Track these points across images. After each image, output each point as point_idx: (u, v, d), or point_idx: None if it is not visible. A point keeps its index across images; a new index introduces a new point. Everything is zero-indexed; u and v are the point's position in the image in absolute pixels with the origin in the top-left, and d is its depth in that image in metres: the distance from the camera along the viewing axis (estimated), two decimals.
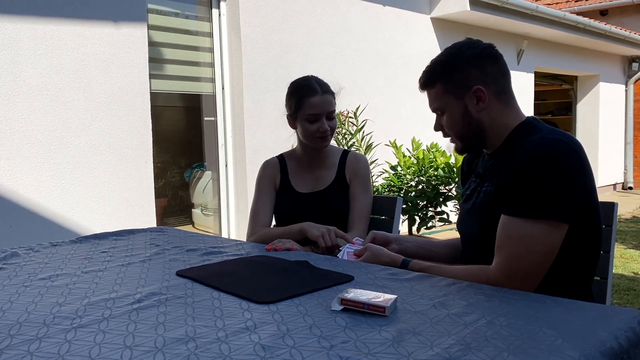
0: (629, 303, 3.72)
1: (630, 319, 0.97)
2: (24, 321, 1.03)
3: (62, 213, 3.53)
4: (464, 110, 1.41)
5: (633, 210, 8.02)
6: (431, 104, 1.47)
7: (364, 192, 1.96)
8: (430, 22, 6.41)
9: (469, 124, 1.42)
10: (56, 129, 3.49)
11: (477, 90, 1.39)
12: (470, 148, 1.50)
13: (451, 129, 1.45)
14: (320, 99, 1.90)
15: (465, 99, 1.41)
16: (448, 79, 1.42)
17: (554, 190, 1.23)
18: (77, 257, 1.60)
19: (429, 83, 1.46)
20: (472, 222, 1.45)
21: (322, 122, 1.90)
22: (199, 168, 6.02)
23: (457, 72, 1.41)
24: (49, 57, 3.45)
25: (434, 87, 1.44)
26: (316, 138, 1.92)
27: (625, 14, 10.66)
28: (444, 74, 1.43)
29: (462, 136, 1.45)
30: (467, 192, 1.53)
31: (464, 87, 1.40)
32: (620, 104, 10.57)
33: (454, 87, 1.41)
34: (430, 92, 1.46)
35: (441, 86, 1.42)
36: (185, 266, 1.44)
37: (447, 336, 0.89)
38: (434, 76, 1.44)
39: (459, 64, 1.42)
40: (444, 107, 1.44)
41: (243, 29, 4.57)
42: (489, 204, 1.37)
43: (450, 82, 1.42)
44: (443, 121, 1.46)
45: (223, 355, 0.84)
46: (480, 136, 1.43)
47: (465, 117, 1.41)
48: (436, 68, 1.44)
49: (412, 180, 4.42)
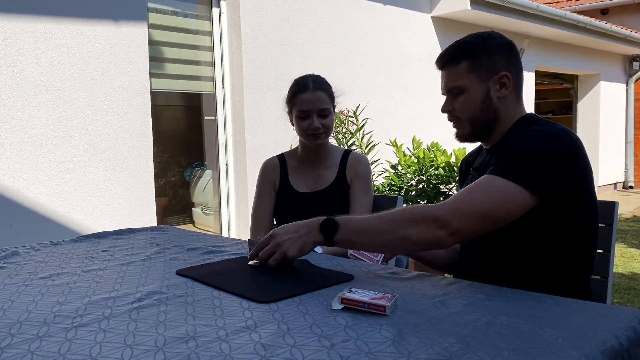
0: (630, 302, 3.72)
1: (630, 318, 0.97)
2: (24, 320, 1.03)
3: (63, 212, 3.53)
4: (485, 94, 1.41)
5: (634, 210, 8.02)
6: (448, 83, 1.44)
7: (364, 193, 1.96)
8: (430, 21, 6.40)
9: (486, 109, 1.41)
10: (57, 128, 3.49)
11: (503, 77, 1.40)
12: (476, 135, 1.47)
13: (466, 110, 1.43)
14: (311, 95, 1.90)
15: (489, 82, 1.41)
16: (476, 59, 1.41)
17: (535, 161, 1.25)
18: (78, 256, 1.60)
19: (452, 60, 1.43)
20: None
21: (312, 119, 1.90)
22: (200, 167, 6.02)
23: (487, 55, 1.41)
24: (50, 56, 3.45)
25: (458, 65, 1.42)
26: (308, 135, 1.93)
27: (626, 12, 10.66)
28: (472, 54, 1.41)
29: (474, 120, 1.43)
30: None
31: (491, 70, 1.41)
32: (620, 103, 10.56)
33: (480, 68, 1.41)
34: (451, 69, 1.44)
35: (467, 65, 1.41)
36: (186, 265, 1.44)
37: (448, 335, 0.89)
38: (461, 54, 1.42)
39: (490, 47, 1.42)
40: (464, 87, 1.42)
41: (243, 28, 4.57)
42: None
43: (478, 63, 1.41)
44: (456, 102, 1.43)
45: (223, 354, 0.84)
46: (491, 125, 1.43)
47: (485, 101, 1.41)
48: (464, 47, 1.43)
49: (413, 180, 4.42)
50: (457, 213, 1.21)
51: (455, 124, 1.48)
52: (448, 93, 1.46)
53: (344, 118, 4.46)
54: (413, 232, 1.22)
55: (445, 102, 1.47)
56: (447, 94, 1.47)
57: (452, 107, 1.46)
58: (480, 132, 1.46)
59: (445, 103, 1.47)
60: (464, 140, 1.50)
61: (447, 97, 1.47)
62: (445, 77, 1.46)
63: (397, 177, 4.41)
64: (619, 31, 8.71)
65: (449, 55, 1.44)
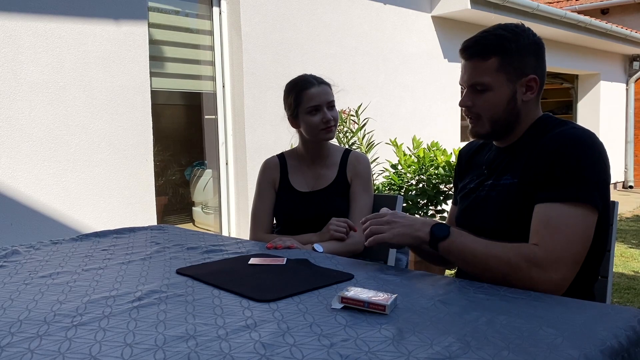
0: (629, 302, 3.72)
1: (630, 318, 0.97)
2: (24, 319, 1.03)
3: (63, 211, 3.53)
4: (511, 95, 1.35)
5: (633, 209, 8.02)
6: (473, 76, 1.35)
7: (364, 192, 1.96)
8: (430, 20, 6.40)
9: (510, 110, 1.35)
10: (57, 127, 3.49)
11: (531, 80, 1.35)
12: (494, 135, 1.41)
13: (489, 109, 1.36)
14: (318, 89, 1.92)
15: (516, 84, 1.34)
16: (508, 57, 1.33)
17: (590, 177, 1.22)
18: (78, 255, 1.60)
19: (482, 54, 1.34)
20: (483, 216, 1.40)
21: (323, 112, 1.91)
22: (200, 166, 6.02)
23: (519, 55, 1.33)
24: (50, 55, 3.45)
25: (487, 60, 1.33)
26: (321, 130, 1.92)
27: (626, 12, 10.66)
28: (505, 51, 1.32)
29: (496, 120, 1.36)
30: (470, 185, 1.49)
31: (520, 71, 1.34)
32: (621, 102, 10.56)
33: (510, 68, 1.33)
34: (479, 63, 1.34)
35: (497, 62, 1.32)
36: (186, 264, 1.44)
37: (447, 334, 0.89)
38: (492, 49, 1.33)
39: (522, 46, 1.34)
40: (490, 84, 1.33)
41: (243, 27, 4.57)
42: (510, 198, 1.33)
43: (508, 62, 1.33)
44: (479, 98, 1.36)
45: (223, 353, 0.84)
46: (511, 126, 1.38)
47: (510, 103, 1.35)
48: (496, 41, 1.33)
49: (413, 179, 4.42)
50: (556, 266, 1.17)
51: (472, 120, 1.40)
52: (470, 87, 1.37)
53: (345, 117, 4.46)
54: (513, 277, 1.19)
55: (465, 96, 1.38)
56: (468, 87, 1.38)
57: (471, 102, 1.37)
58: (499, 133, 1.40)
59: (465, 96, 1.38)
60: (479, 138, 1.45)
61: (467, 90, 1.38)
62: (469, 70, 1.36)
63: (397, 177, 4.41)
64: (619, 31, 8.71)
65: (478, 48, 1.34)
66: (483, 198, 1.42)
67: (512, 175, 1.36)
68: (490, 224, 1.37)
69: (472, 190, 1.48)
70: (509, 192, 1.34)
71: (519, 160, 1.36)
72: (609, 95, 10.14)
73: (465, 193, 1.51)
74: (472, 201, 1.47)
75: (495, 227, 1.34)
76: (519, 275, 1.18)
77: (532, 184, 1.28)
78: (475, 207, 1.44)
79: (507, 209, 1.33)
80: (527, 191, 1.29)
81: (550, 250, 1.18)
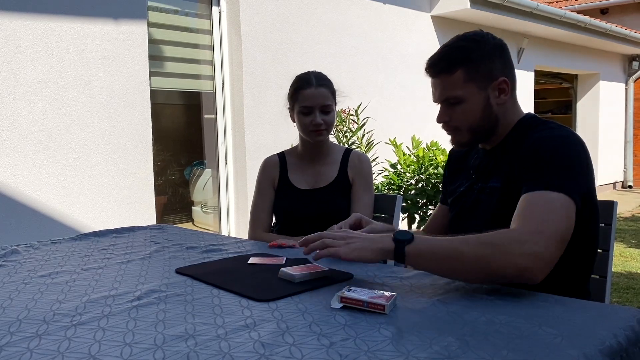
0: (628, 301, 3.72)
1: (629, 318, 0.97)
2: (23, 318, 1.03)
3: (62, 210, 3.53)
4: (485, 102, 1.35)
5: (632, 209, 8.02)
6: (444, 92, 1.36)
7: (366, 193, 1.96)
8: (430, 20, 6.40)
9: (487, 117, 1.36)
10: (56, 126, 3.49)
11: (502, 82, 1.35)
12: (475, 142, 1.42)
13: (465, 120, 1.36)
14: (314, 91, 1.90)
15: (488, 90, 1.35)
16: (473, 66, 1.33)
17: (569, 172, 1.22)
18: (77, 254, 1.60)
19: (446, 69, 1.34)
20: (474, 220, 1.41)
21: (314, 115, 1.90)
22: (199, 166, 6.02)
23: (484, 61, 1.34)
24: (49, 54, 3.45)
25: (453, 74, 1.34)
26: (310, 132, 1.93)
27: (626, 12, 10.66)
28: (468, 61, 1.33)
29: (474, 129, 1.37)
30: (460, 189, 1.49)
31: (489, 77, 1.34)
32: (620, 102, 10.57)
33: (478, 76, 1.33)
34: (446, 79, 1.35)
35: (463, 73, 1.33)
36: (185, 264, 1.44)
37: (447, 334, 0.89)
38: (455, 62, 1.33)
39: (485, 52, 1.34)
40: (462, 97, 1.34)
41: (243, 27, 4.57)
42: (497, 202, 1.34)
43: (475, 70, 1.33)
44: (454, 111, 1.36)
45: (223, 353, 0.84)
46: (491, 130, 1.38)
47: (485, 109, 1.35)
48: (457, 54, 1.34)
49: (412, 179, 4.42)
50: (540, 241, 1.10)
51: (452, 133, 1.41)
52: (443, 102, 1.38)
53: (345, 117, 4.46)
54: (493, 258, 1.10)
55: (441, 113, 1.38)
56: (442, 103, 1.38)
57: (448, 117, 1.38)
58: (481, 139, 1.41)
59: (441, 113, 1.38)
60: (462, 147, 1.45)
61: (442, 106, 1.38)
62: (439, 87, 1.37)
63: (397, 176, 4.41)
64: (619, 31, 8.71)
65: (442, 63, 1.35)
66: (473, 202, 1.43)
67: (497, 179, 1.37)
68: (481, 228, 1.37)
69: (462, 194, 1.48)
70: (496, 195, 1.35)
71: (503, 163, 1.37)
72: (608, 95, 10.14)
73: (456, 197, 1.51)
74: (462, 206, 1.47)
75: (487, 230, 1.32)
76: (498, 255, 1.09)
77: (516, 185, 1.28)
78: (467, 211, 1.45)
79: (495, 213, 1.34)
80: (512, 194, 1.29)
81: (528, 224, 1.14)
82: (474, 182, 1.45)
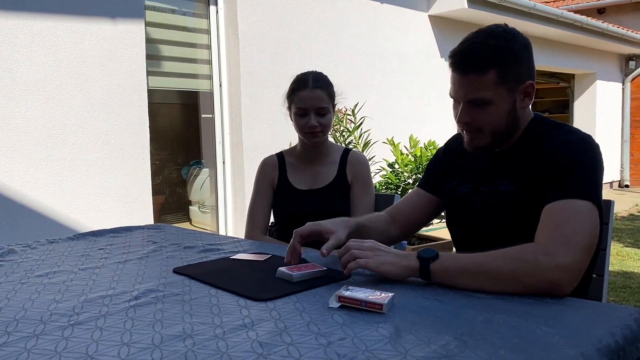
0: (625, 300, 3.73)
1: (626, 317, 0.97)
2: (21, 318, 1.02)
3: (59, 210, 3.52)
4: (512, 105, 1.30)
5: (629, 208, 8.04)
6: (472, 92, 1.27)
7: (365, 194, 1.96)
8: (427, 19, 6.41)
9: (511, 121, 1.31)
10: (53, 125, 3.48)
11: (529, 86, 1.31)
12: (494, 146, 1.36)
13: (489, 123, 1.29)
14: (309, 94, 1.89)
15: (515, 93, 1.30)
16: (504, 69, 1.26)
17: (593, 177, 1.23)
18: (74, 254, 1.60)
19: (478, 69, 1.26)
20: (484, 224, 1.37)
21: (309, 117, 1.89)
22: (196, 165, 6.01)
23: (515, 63, 1.27)
24: (46, 53, 3.44)
25: (485, 75, 1.25)
26: (306, 134, 1.93)
27: (623, 12, 10.68)
28: (502, 62, 1.26)
29: (496, 133, 1.31)
30: (463, 191, 1.45)
31: (518, 80, 1.29)
32: (617, 102, 10.59)
33: (508, 79, 1.27)
34: (476, 79, 1.26)
35: (495, 75, 1.25)
36: (183, 263, 1.44)
37: (444, 333, 0.89)
38: (488, 62, 1.25)
39: (517, 54, 1.27)
40: (491, 99, 1.27)
41: (240, 26, 4.56)
42: (510, 205, 1.31)
43: (506, 73, 1.26)
44: (478, 112, 1.29)
45: (220, 352, 0.84)
46: (510, 134, 1.34)
47: (510, 113, 1.30)
48: (490, 54, 1.26)
49: (410, 178, 4.43)
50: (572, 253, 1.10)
51: (472, 134, 1.34)
52: (468, 103, 1.30)
53: (342, 116, 4.46)
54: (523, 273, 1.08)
55: (463, 112, 1.30)
56: (465, 103, 1.30)
57: (470, 118, 1.30)
58: (498, 143, 1.36)
59: (463, 113, 1.30)
60: (478, 151, 1.37)
61: (464, 106, 1.30)
62: (467, 86, 1.28)
63: (394, 176, 4.41)
64: (616, 30, 8.73)
65: (475, 64, 1.26)
66: (480, 205, 1.39)
67: (510, 182, 1.33)
68: (493, 232, 1.34)
69: (466, 196, 1.44)
70: (510, 199, 1.32)
71: (517, 165, 1.34)
72: (605, 94, 10.16)
73: (458, 199, 1.46)
74: (467, 208, 1.43)
75: (497, 235, 1.30)
76: (529, 270, 1.08)
77: (534, 189, 1.26)
78: (473, 214, 1.41)
79: (508, 217, 1.31)
80: (527, 197, 1.28)
81: (557, 236, 1.13)
82: (479, 184, 1.41)
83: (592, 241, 1.16)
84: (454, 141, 1.57)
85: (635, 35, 9.31)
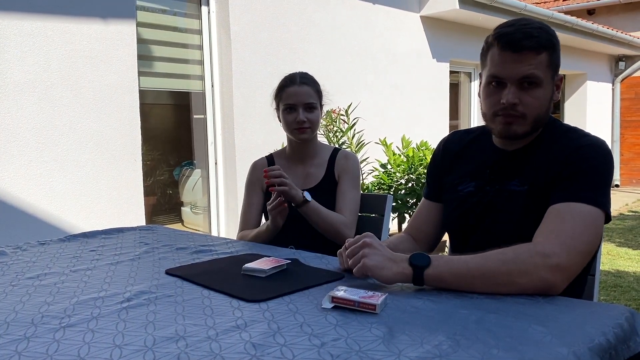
0: (616, 299, 3.76)
1: (617, 315, 0.98)
2: (11, 321, 1.02)
3: (50, 211, 3.50)
4: (551, 94, 1.30)
5: (619, 208, 8.11)
6: (528, 68, 1.23)
7: (353, 189, 1.96)
8: (419, 20, 6.42)
9: (547, 110, 1.30)
10: (44, 126, 3.46)
11: (560, 79, 1.32)
12: (525, 137, 1.32)
13: (535, 108, 1.26)
14: (297, 89, 1.92)
15: (554, 83, 1.30)
16: (554, 54, 1.26)
17: (606, 185, 1.24)
18: (66, 255, 1.59)
19: (535, 47, 1.23)
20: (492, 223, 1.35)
21: (298, 112, 1.91)
22: (188, 166, 5.99)
23: (558, 52, 1.28)
24: (37, 54, 3.42)
25: (540, 54, 1.24)
26: (294, 130, 1.93)
27: (612, 13, 10.76)
28: (552, 47, 1.25)
29: (538, 120, 1.29)
30: (466, 189, 1.41)
31: (557, 70, 1.30)
32: (607, 102, 10.67)
33: (553, 66, 1.27)
34: (532, 56, 1.24)
35: (547, 57, 1.25)
36: (175, 265, 1.44)
37: (437, 333, 0.90)
38: (543, 43, 1.23)
39: (558, 44, 1.28)
40: (543, 80, 1.25)
41: (232, 27, 4.55)
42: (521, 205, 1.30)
43: (554, 58, 1.27)
44: (526, 95, 1.25)
45: (213, 354, 0.84)
46: (540, 127, 1.33)
47: (550, 102, 1.30)
48: (545, 37, 1.24)
49: (402, 178, 4.44)
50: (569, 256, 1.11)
51: (512, 119, 1.28)
52: (520, 81, 1.25)
53: (335, 117, 4.46)
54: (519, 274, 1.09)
55: (513, 92, 1.24)
56: (516, 82, 1.25)
57: (519, 100, 1.25)
58: (531, 134, 1.32)
59: (512, 94, 1.24)
60: (511, 138, 1.32)
61: (514, 87, 1.25)
62: (522, 62, 1.23)
63: (387, 176, 4.42)
64: (606, 31, 8.80)
65: (531, 41, 1.22)
66: (487, 204, 1.36)
67: (522, 182, 1.31)
68: (501, 232, 1.32)
69: (471, 194, 1.40)
70: (520, 200, 1.30)
71: (530, 165, 1.32)
72: (595, 95, 10.24)
73: (461, 197, 1.43)
74: (471, 207, 1.40)
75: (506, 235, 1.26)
76: (523, 268, 1.08)
77: (546, 192, 1.26)
78: (478, 213, 1.38)
79: (519, 217, 1.30)
80: (539, 199, 1.27)
81: (556, 238, 1.13)
82: (485, 183, 1.39)
83: (590, 248, 1.16)
84: (455, 136, 1.56)
85: (625, 36, 9.38)
